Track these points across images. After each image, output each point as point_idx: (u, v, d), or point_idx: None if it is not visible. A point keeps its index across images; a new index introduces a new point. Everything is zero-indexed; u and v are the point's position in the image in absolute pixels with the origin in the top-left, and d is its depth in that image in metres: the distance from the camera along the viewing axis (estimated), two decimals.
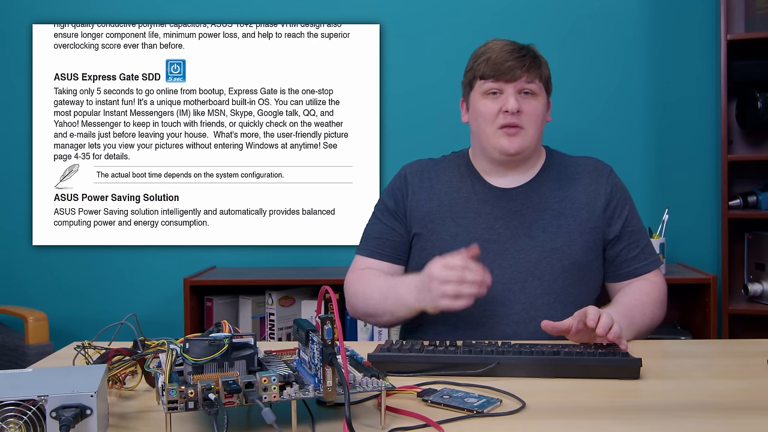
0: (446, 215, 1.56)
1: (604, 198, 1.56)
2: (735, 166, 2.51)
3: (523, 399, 0.99)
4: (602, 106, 2.68)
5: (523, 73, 1.50)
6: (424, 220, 1.58)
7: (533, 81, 1.51)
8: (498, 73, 1.50)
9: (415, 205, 1.59)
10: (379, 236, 1.61)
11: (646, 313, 1.47)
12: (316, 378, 0.87)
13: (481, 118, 1.54)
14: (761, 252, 2.48)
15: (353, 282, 1.59)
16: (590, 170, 1.59)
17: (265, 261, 2.70)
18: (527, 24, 2.66)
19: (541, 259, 1.51)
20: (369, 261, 1.61)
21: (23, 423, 0.75)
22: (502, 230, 1.53)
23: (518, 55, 1.51)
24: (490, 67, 1.51)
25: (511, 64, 1.49)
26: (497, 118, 1.52)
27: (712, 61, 2.63)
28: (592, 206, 1.55)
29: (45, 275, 2.70)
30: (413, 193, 1.61)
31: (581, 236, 1.53)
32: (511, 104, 1.49)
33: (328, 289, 0.90)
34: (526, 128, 1.52)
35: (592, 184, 1.57)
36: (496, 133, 1.52)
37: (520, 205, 1.55)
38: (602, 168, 1.61)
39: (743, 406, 0.98)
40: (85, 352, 1.07)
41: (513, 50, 1.52)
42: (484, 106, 1.53)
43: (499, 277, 1.50)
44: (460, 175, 1.61)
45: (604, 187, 1.57)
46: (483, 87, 1.53)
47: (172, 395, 0.80)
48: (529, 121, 1.52)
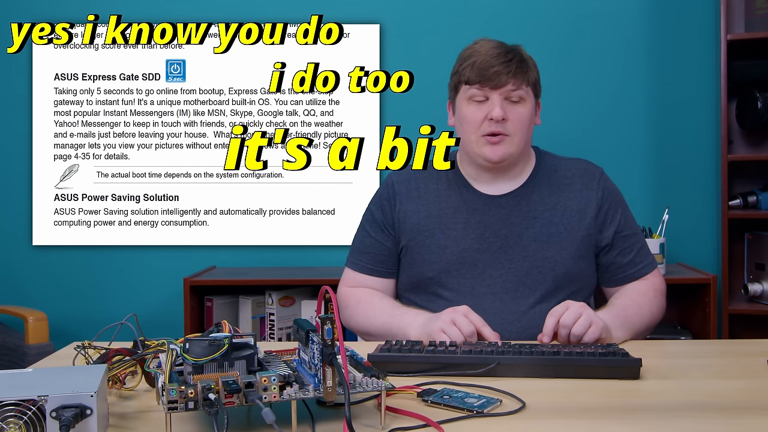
0: (435, 227, 1.53)
1: (595, 203, 1.53)
2: (735, 166, 2.51)
3: (523, 399, 0.99)
4: (602, 107, 2.68)
5: (509, 79, 1.45)
6: (412, 232, 1.55)
7: (520, 87, 1.47)
8: (483, 79, 1.46)
9: (404, 217, 1.57)
10: (368, 251, 1.59)
11: (642, 311, 1.45)
12: (316, 378, 0.87)
13: (466, 124, 1.50)
14: (761, 252, 2.48)
15: (350, 299, 1.57)
16: (581, 174, 1.56)
17: (265, 261, 2.70)
18: (527, 24, 2.66)
19: (532, 269, 1.49)
20: (360, 277, 1.59)
21: (23, 423, 0.75)
22: (491, 239, 1.51)
23: (504, 60, 1.46)
24: (475, 73, 1.46)
25: (496, 69, 1.45)
26: (482, 126, 1.48)
27: (712, 61, 2.63)
28: (583, 213, 1.52)
29: (45, 275, 2.71)
30: (401, 204, 1.57)
31: (572, 245, 1.50)
32: (496, 113, 1.45)
33: (328, 289, 0.90)
34: (511, 135, 1.48)
35: (583, 190, 1.54)
36: (480, 141, 1.49)
37: (509, 213, 1.52)
38: (593, 171, 1.57)
39: (743, 406, 0.98)
40: (85, 352, 1.07)
41: (499, 54, 1.46)
42: (469, 112, 1.49)
43: (490, 287, 1.49)
44: (448, 183, 1.58)
45: (595, 191, 1.54)
46: (468, 92, 1.49)
47: (172, 395, 0.80)
48: (515, 128, 1.47)
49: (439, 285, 1.52)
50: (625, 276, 1.54)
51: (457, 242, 1.51)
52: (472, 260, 1.50)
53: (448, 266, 1.51)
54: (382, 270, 1.59)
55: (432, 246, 1.53)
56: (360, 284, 1.59)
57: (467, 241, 1.51)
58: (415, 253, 1.54)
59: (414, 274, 1.55)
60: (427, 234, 1.54)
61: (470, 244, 1.51)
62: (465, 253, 1.51)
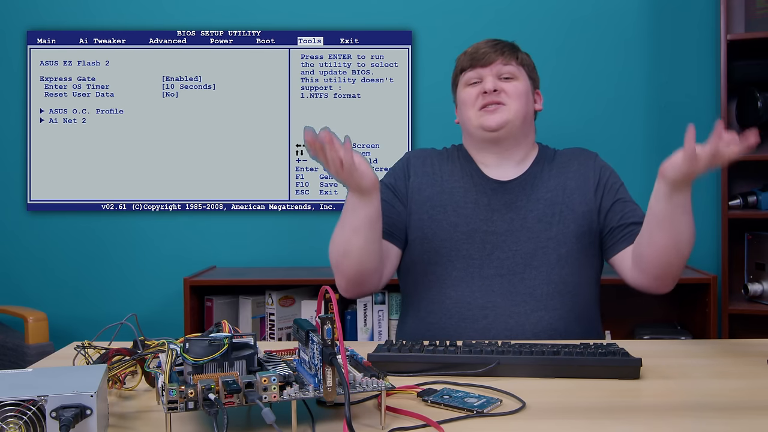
0: (447, 203, 1.58)
1: (593, 179, 1.59)
2: (735, 166, 2.50)
3: (523, 399, 0.99)
4: (602, 107, 2.68)
5: (497, 56, 1.57)
6: (425, 205, 1.59)
7: (509, 63, 1.58)
8: (474, 60, 1.59)
9: (417, 188, 1.61)
10: None
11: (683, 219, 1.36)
12: (316, 378, 0.87)
13: (464, 105, 1.61)
14: (761, 252, 2.48)
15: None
16: (577, 156, 1.64)
17: (265, 261, 2.70)
18: (527, 24, 2.66)
19: (537, 250, 1.53)
20: None
21: (23, 423, 0.75)
22: (499, 222, 1.55)
23: (493, 44, 1.60)
24: (467, 58, 1.60)
25: (485, 50, 1.58)
26: (477, 101, 1.58)
27: (712, 61, 2.63)
28: (582, 189, 1.58)
29: (45, 275, 2.71)
30: (415, 176, 1.63)
31: (575, 222, 1.55)
32: (488, 84, 1.55)
33: (328, 289, 0.90)
34: (507, 104, 1.56)
35: (580, 169, 1.61)
36: (477, 114, 1.58)
37: (516, 197, 1.58)
38: (588, 153, 1.66)
39: (743, 406, 0.98)
40: (85, 352, 1.07)
41: (488, 42, 1.61)
42: (466, 93, 1.60)
43: (497, 269, 1.52)
44: (461, 166, 1.64)
45: (592, 169, 1.61)
46: (464, 78, 1.61)
47: (172, 395, 0.80)
48: (510, 98, 1.57)
49: (447, 261, 1.54)
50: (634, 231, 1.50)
51: (467, 221, 1.56)
52: (480, 240, 1.54)
53: (458, 244, 1.54)
54: (385, 230, 1.53)
55: (444, 222, 1.56)
56: None
57: (476, 221, 1.55)
58: (427, 228, 1.57)
59: (424, 249, 1.56)
60: (440, 209, 1.58)
61: (479, 225, 1.55)
62: (474, 233, 1.54)
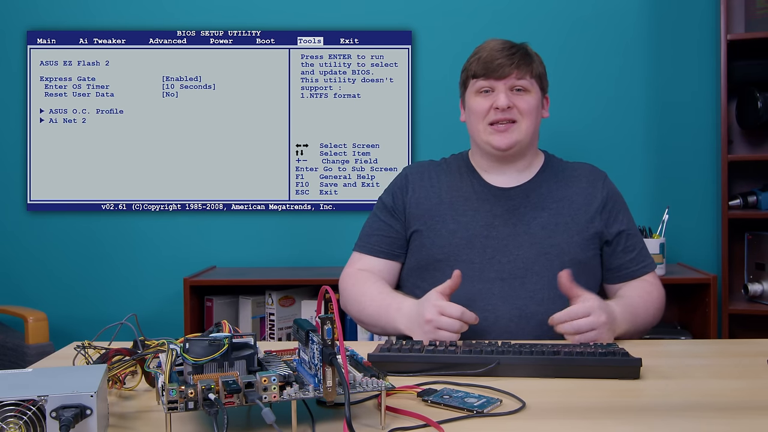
0: (446, 212, 1.58)
1: (600, 200, 1.58)
2: (735, 166, 2.51)
3: (523, 399, 0.99)
4: (602, 107, 2.68)
5: (512, 69, 1.53)
6: (423, 217, 1.59)
7: (524, 77, 1.54)
8: (488, 71, 1.54)
9: (415, 203, 1.61)
10: (376, 233, 1.63)
11: (648, 311, 1.49)
12: (316, 378, 0.87)
13: (474, 115, 1.58)
14: (761, 252, 2.48)
15: (348, 280, 1.59)
16: (587, 173, 1.63)
17: (265, 261, 2.70)
18: (527, 24, 2.66)
19: (540, 255, 1.52)
20: (366, 258, 1.62)
21: (23, 423, 0.75)
22: (500, 227, 1.55)
23: (508, 53, 1.54)
24: (480, 66, 1.55)
25: (500, 61, 1.53)
26: (488, 115, 1.55)
27: (712, 61, 2.63)
28: (588, 207, 1.57)
29: (45, 275, 2.70)
30: (413, 191, 1.62)
31: (579, 234, 1.54)
32: (501, 101, 1.52)
33: (328, 289, 0.90)
34: (519, 122, 1.55)
35: (588, 187, 1.60)
36: (487, 130, 1.56)
37: (519, 204, 1.57)
38: (598, 173, 1.65)
39: (743, 406, 0.98)
40: (85, 352, 1.07)
41: (503, 48, 1.55)
42: (477, 103, 1.57)
43: (498, 273, 1.51)
44: (460, 175, 1.64)
45: (600, 190, 1.60)
46: (475, 86, 1.57)
47: (172, 395, 0.80)
48: (522, 115, 1.55)
49: (447, 267, 1.53)
50: (627, 273, 1.57)
51: (466, 227, 1.55)
52: (481, 245, 1.54)
53: (457, 249, 1.54)
54: (388, 251, 1.61)
55: (442, 230, 1.56)
56: (364, 266, 1.61)
57: (476, 227, 1.55)
58: (425, 237, 1.58)
59: (423, 257, 1.57)
60: (438, 219, 1.58)
61: (479, 230, 1.55)
62: (474, 239, 1.54)
